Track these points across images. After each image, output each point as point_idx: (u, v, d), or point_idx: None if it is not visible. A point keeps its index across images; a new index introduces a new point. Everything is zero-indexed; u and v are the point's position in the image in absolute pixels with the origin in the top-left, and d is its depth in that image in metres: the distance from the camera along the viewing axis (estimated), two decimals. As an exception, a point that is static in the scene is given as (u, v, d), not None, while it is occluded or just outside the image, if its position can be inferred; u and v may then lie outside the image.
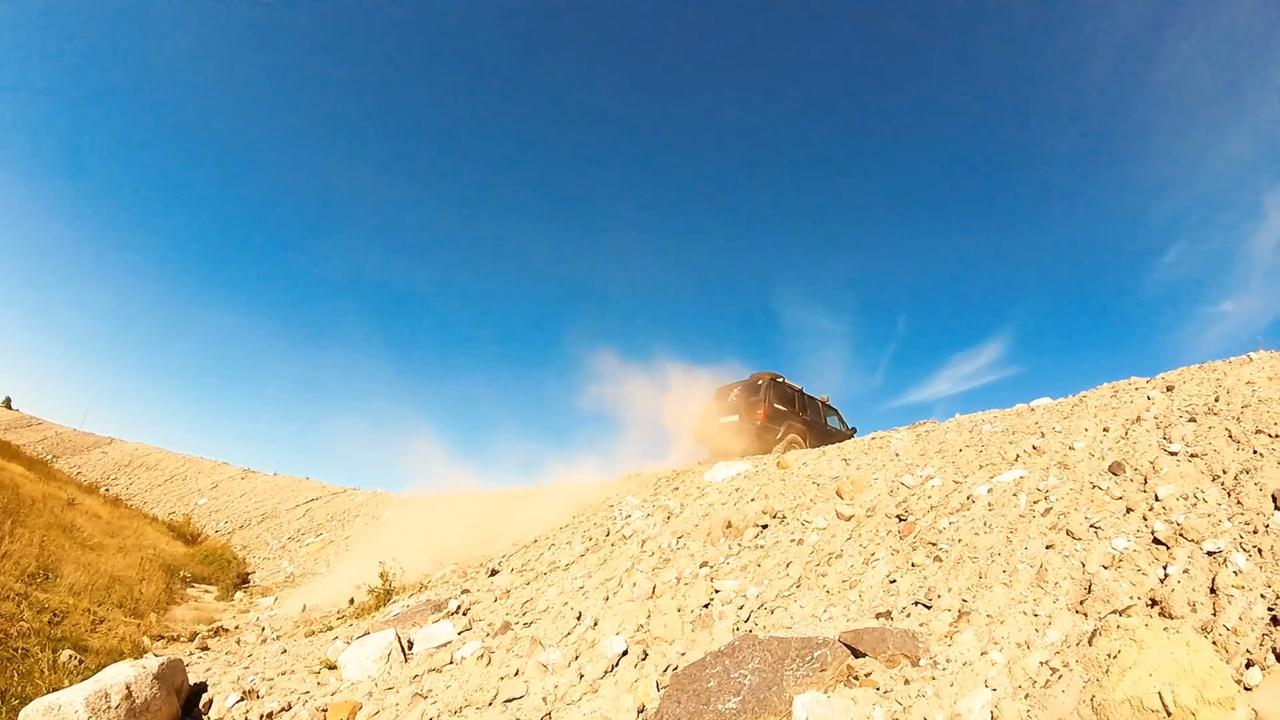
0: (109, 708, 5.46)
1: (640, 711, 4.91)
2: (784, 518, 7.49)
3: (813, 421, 16.92)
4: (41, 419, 50.96)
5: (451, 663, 6.68)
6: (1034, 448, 7.00)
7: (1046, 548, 5.02)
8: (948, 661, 4.16)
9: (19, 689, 6.12)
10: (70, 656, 7.25)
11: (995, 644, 4.19)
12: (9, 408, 61.52)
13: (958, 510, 6.14)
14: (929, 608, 4.85)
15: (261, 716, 6.16)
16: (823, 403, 17.81)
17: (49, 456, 36.65)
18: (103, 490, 29.17)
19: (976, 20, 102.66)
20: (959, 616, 4.60)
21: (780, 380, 16.85)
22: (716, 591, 6.39)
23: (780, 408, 16.16)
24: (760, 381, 16.69)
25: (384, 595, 10.50)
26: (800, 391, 17.18)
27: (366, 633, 7.75)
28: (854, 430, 17.86)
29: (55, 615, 8.61)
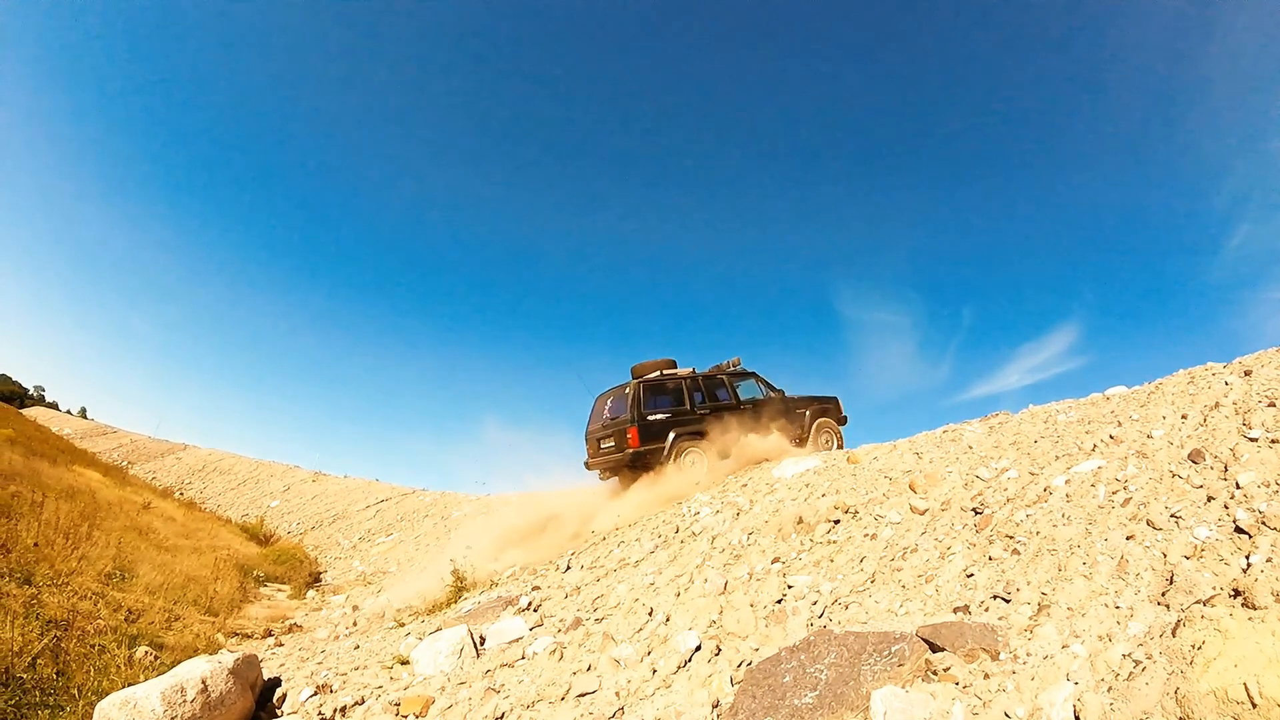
0: (185, 701, 5.59)
1: (714, 706, 4.93)
2: (856, 513, 7.44)
3: (718, 408, 13.96)
4: (116, 427, 52.45)
5: (524, 658, 6.77)
6: (1111, 437, 6.88)
7: (1127, 539, 4.94)
8: (1028, 655, 4.13)
9: (95, 684, 6.28)
10: (146, 653, 7.44)
11: (1076, 637, 4.15)
12: (85, 417, 63.43)
13: (1035, 502, 6.07)
14: (1008, 601, 4.80)
15: (335, 710, 6.29)
16: (728, 372, 14.88)
17: (124, 463, 37.96)
18: (177, 494, 30.18)
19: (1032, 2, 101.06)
20: (1039, 610, 4.56)
21: (657, 375, 14.07)
22: (789, 587, 6.38)
23: (658, 417, 13.25)
24: (628, 391, 13.65)
25: (456, 592, 10.64)
26: (691, 376, 14.20)
27: (439, 629, 7.87)
28: (782, 391, 15.11)
29: (131, 613, 8.84)
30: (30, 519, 10.37)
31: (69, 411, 70.47)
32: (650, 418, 13.15)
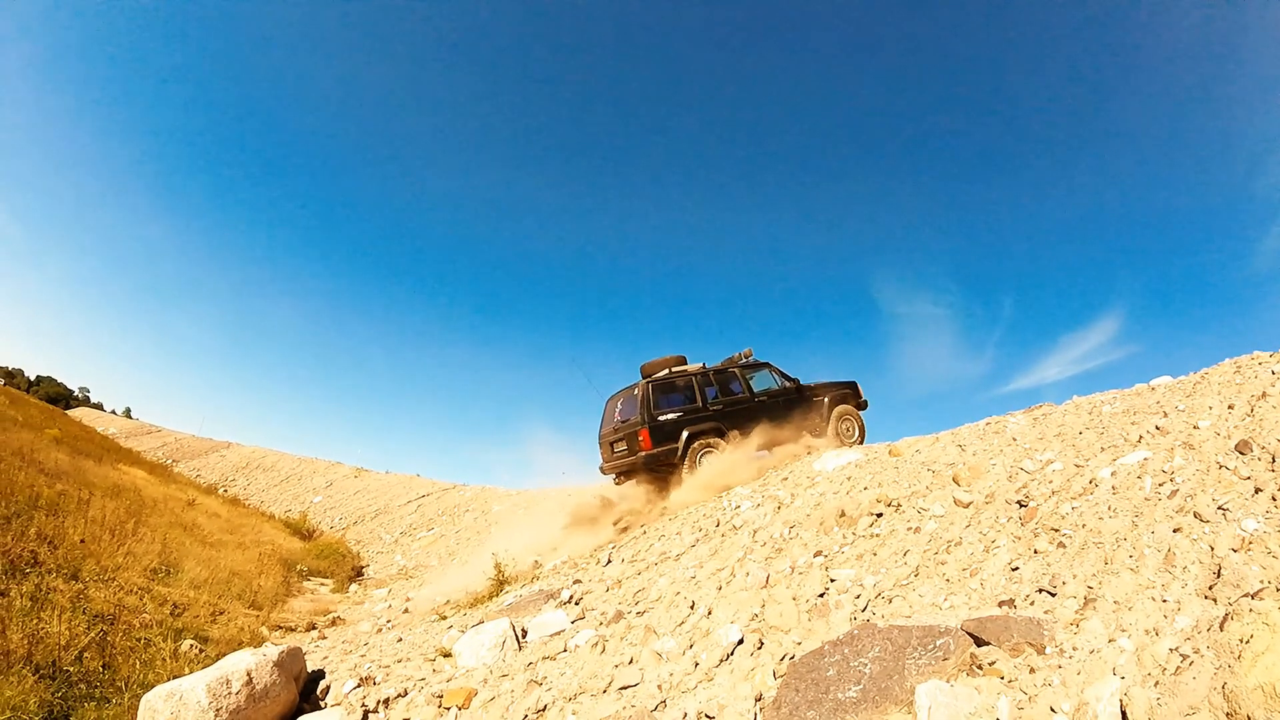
0: (230, 693, 5.71)
1: (758, 700, 4.94)
2: (899, 506, 7.41)
3: (732, 402, 13.52)
4: (160, 426, 53.47)
5: (565, 651, 6.82)
6: (1157, 428, 6.80)
7: (1174, 531, 4.90)
8: (1074, 649, 4.12)
9: (141, 676, 6.47)
10: (191, 646, 7.62)
11: (1123, 631, 4.13)
12: (129, 417, 64.61)
13: (1080, 495, 6.02)
14: (1054, 595, 4.78)
15: (378, 702, 6.39)
16: (740, 364, 14.30)
17: (169, 461, 38.77)
18: (221, 491, 30.78)
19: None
20: (1085, 603, 4.54)
21: (666, 373, 13.53)
22: (832, 581, 6.37)
23: (669, 417, 12.80)
24: (636, 391, 13.26)
25: (497, 585, 10.71)
26: (702, 372, 13.70)
27: (481, 621, 7.93)
28: (796, 381, 14.45)
29: (177, 607, 9.05)
30: (77, 516, 10.64)
31: (114, 411, 71.99)
32: (661, 418, 12.76)
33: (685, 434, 12.70)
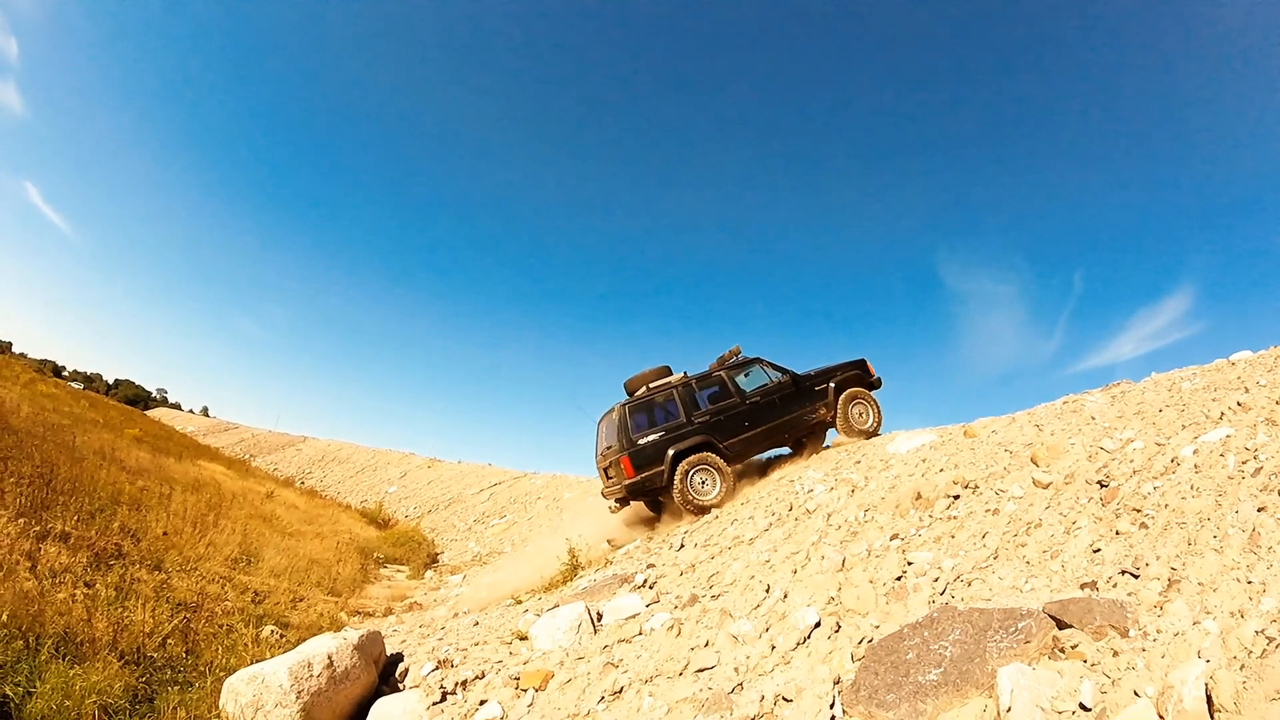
0: (311, 676, 5.94)
1: (836, 683, 4.98)
2: (976, 487, 7.35)
3: (720, 410, 12.65)
4: (238, 423, 55.21)
5: (641, 634, 6.93)
6: (1239, 404, 6.66)
7: (1258, 510, 4.82)
8: (1158, 632, 4.10)
9: (224, 661, 6.75)
10: (272, 631, 7.93)
11: (1207, 613, 4.09)
12: (207, 415, 66.71)
13: (1162, 474, 5.92)
14: (1136, 577, 4.74)
15: (456, 684, 6.58)
16: (729, 365, 13.50)
17: (247, 456, 40.06)
18: (299, 483, 31.68)
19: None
20: (1168, 585, 4.50)
21: (643, 392, 12.85)
22: (909, 564, 6.37)
23: (650, 439, 12.08)
24: (614, 415, 12.65)
25: (571, 570, 10.89)
26: (684, 382, 12.88)
27: (556, 605, 8.09)
28: (791, 372, 13.45)
29: (257, 595, 9.41)
30: (159, 510, 11.07)
31: (191, 411, 74.50)
32: (642, 441, 12.08)
33: (670, 454, 11.97)
